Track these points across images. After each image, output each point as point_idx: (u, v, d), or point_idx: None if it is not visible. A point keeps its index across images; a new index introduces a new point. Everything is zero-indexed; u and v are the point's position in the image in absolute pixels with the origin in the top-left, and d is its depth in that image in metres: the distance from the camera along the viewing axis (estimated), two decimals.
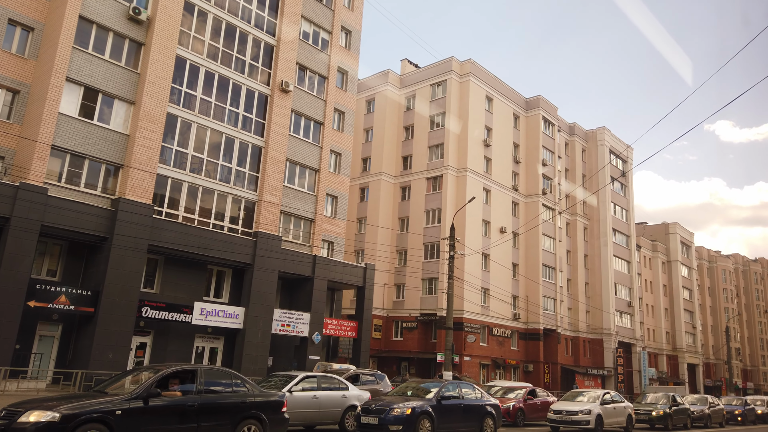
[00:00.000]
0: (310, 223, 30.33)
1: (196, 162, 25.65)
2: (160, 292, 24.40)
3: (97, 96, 22.82)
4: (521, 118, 50.54)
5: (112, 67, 23.28)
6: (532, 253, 47.64)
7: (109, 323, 21.16)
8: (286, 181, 29.35)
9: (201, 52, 26.37)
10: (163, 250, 23.68)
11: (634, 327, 58.25)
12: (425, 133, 45.75)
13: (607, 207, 56.30)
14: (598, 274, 54.89)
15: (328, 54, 32.38)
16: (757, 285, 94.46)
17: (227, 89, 27.17)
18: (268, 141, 28.16)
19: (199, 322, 24.38)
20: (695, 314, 73.69)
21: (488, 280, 43.03)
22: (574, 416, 19.05)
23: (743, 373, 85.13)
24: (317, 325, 28.77)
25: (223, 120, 26.83)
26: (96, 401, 8.68)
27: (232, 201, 26.83)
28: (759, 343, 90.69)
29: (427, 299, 41.95)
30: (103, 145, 22.65)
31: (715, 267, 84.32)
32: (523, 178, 49.44)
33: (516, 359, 44.99)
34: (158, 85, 23.96)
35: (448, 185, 42.98)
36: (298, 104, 30.23)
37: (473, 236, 42.14)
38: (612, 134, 59.51)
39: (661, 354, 65.81)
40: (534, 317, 45.96)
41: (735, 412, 30.67)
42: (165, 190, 24.47)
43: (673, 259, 71.40)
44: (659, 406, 23.45)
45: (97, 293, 21.28)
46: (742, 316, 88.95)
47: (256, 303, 26.22)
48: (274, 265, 26.97)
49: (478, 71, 46.01)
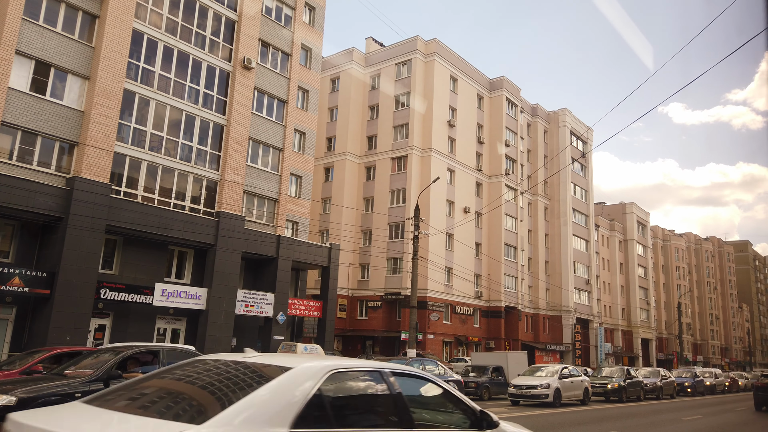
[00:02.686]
0: (274, 203, 30.03)
1: (155, 140, 24.99)
2: (120, 273, 23.88)
3: (50, 70, 21.91)
4: (485, 99, 50.85)
5: (65, 40, 22.34)
6: (494, 232, 48.38)
7: (65, 305, 20.63)
8: (249, 161, 28.91)
9: (159, 26, 25.53)
10: (122, 230, 23.12)
11: (591, 304, 60.09)
12: (390, 113, 45.61)
13: (567, 187, 57.52)
14: (558, 253, 56.25)
15: (292, 30, 31.80)
16: (708, 263, 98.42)
17: (187, 65, 26.44)
18: (230, 119, 27.62)
19: (160, 303, 24.00)
20: (649, 291, 76.45)
21: (452, 260, 43.58)
22: (534, 390, 19.68)
23: (693, 347, 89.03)
24: (282, 305, 28.68)
25: (183, 97, 26.15)
26: (54, 384, 8.50)
27: (194, 180, 26.31)
28: (708, 318, 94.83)
29: (391, 279, 42.25)
30: (57, 121, 21.83)
31: (669, 245, 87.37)
32: (487, 158, 49.93)
33: (478, 336, 45.90)
34: (114, 59, 23.13)
35: (412, 165, 43.10)
36: (260, 82, 29.68)
37: (438, 216, 42.50)
38: (573, 116, 60.54)
39: (616, 329, 68.17)
40: (496, 295, 46.87)
41: (685, 384, 32.12)
42: (123, 169, 23.81)
43: (630, 238, 73.64)
44: (614, 380, 24.36)
45: (53, 275, 20.68)
46: (693, 293, 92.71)
47: (219, 284, 25.95)
48: (237, 245, 26.68)
49: (443, 51, 45.97)
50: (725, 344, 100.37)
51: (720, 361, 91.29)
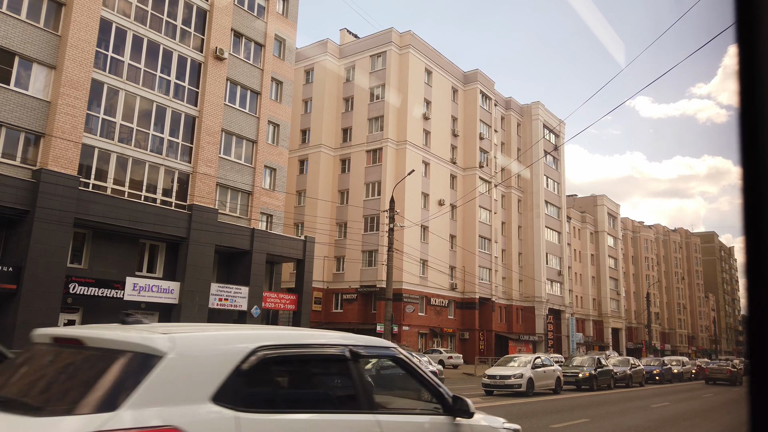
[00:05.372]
0: (247, 195, 29.73)
1: (125, 131, 24.48)
2: (89, 267, 23.39)
3: (14, 59, 21.25)
4: (459, 92, 51.05)
5: (30, 28, 21.68)
6: (468, 224, 48.74)
7: (33, 300, 20.15)
8: (222, 153, 28.54)
9: (128, 14, 24.95)
10: (91, 223, 22.64)
11: (563, 295, 61.09)
12: (365, 105, 45.48)
13: (540, 180, 58.21)
14: (531, 245, 56.98)
15: (265, 21, 31.40)
16: (676, 254, 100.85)
17: (157, 55, 25.91)
18: (202, 110, 27.20)
19: (131, 297, 23.60)
20: (620, 282, 78.05)
21: (427, 252, 43.79)
22: (507, 380, 19.94)
23: (662, 336, 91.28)
24: (256, 298, 28.47)
25: (154, 87, 25.64)
26: None
27: (165, 172, 25.87)
28: (676, 308, 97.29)
29: (366, 271, 42.29)
30: (22, 112, 21.21)
31: (639, 237, 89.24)
32: (461, 151, 50.20)
33: (453, 328, 46.30)
34: (81, 48, 22.54)
35: (387, 158, 43.09)
36: (233, 73, 29.27)
37: (412, 209, 42.62)
38: (546, 109, 61.21)
39: (588, 319, 69.48)
40: (470, 287, 47.29)
41: (654, 372, 32.93)
42: (92, 161, 23.28)
43: (601, 230, 74.97)
44: (585, 369, 24.83)
45: (19, 269, 20.16)
46: (661, 283, 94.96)
47: (192, 277, 25.62)
48: (210, 238, 26.36)
49: (417, 43, 45.95)
50: (692, 333, 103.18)
51: (687, 350, 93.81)
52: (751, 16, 1.16)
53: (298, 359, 3.29)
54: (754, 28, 1.15)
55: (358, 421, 3.28)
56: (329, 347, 3.45)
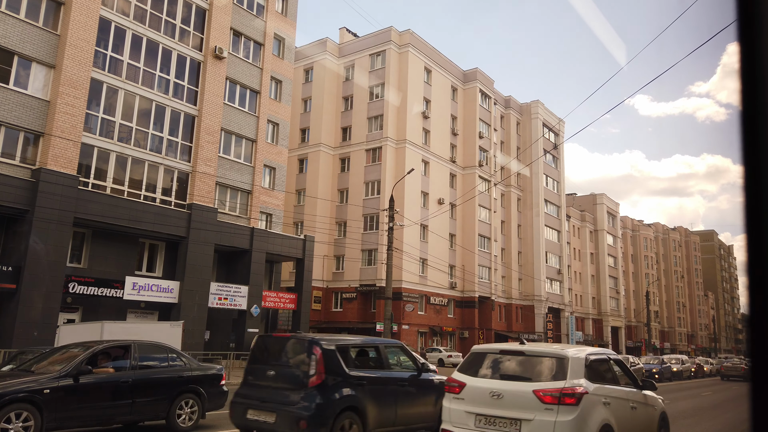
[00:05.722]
0: (247, 194, 29.72)
1: (124, 131, 24.46)
2: (89, 266, 23.38)
3: (13, 58, 21.23)
4: (459, 91, 51.02)
5: (29, 27, 21.66)
6: (468, 223, 48.73)
7: (33, 300, 20.14)
8: (222, 152, 28.53)
9: (127, 13, 24.93)
10: (91, 222, 22.63)
11: (563, 293, 61.11)
12: (365, 104, 45.45)
13: (539, 179, 58.19)
14: (531, 244, 56.98)
15: (264, 20, 31.37)
16: (675, 252, 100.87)
17: (156, 54, 25.89)
18: (201, 109, 27.18)
19: (131, 297, 23.60)
20: (619, 280, 78.06)
21: (426, 251, 43.79)
22: None
23: (661, 334, 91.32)
24: (256, 297, 28.47)
25: (153, 86, 25.63)
26: (22, 380, 8.31)
27: (165, 172, 25.86)
28: (675, 306, 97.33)
29: (366, 270, 42.28)
30: (21, 111, 21.19)
31: (638, 235, 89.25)
32: (461, 150, 50.18)
33: (452, 326, 46.31)
34: (81, 48, 22.52)
35: (387, 157, 43.07)
36: (233, 72, 29.24)
37: (412, 207, 42.61)
38: (545, 108, 61.18)
39: (587, 318, 69.51)
40: (470, 286, 47.30)
41: (653, 370, 32.91)
42: (91, 161, 23.26)
43: (600, 229, 74.97)
44: None
45: (18, 268, 20.16)
46: (661, 282, 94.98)
47: (192, 277, 25.61)
48: (209, 237, 26.35)
49: (416, 42, 45.92)
50: (691, 331, 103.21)
51: (686, 348, 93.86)
52: (752, 13, 1.16)
53: (607, 360, 7.70)
54: (755, 25, 1.15)
55: (634, 392, 7.68)
56: (611, 354, 8.11)
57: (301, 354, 7.92)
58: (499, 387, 6.48)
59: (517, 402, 6.26)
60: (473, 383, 6.73)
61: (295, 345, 8.21)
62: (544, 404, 6.10)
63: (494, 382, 6.64)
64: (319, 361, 7.53)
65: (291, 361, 8.09)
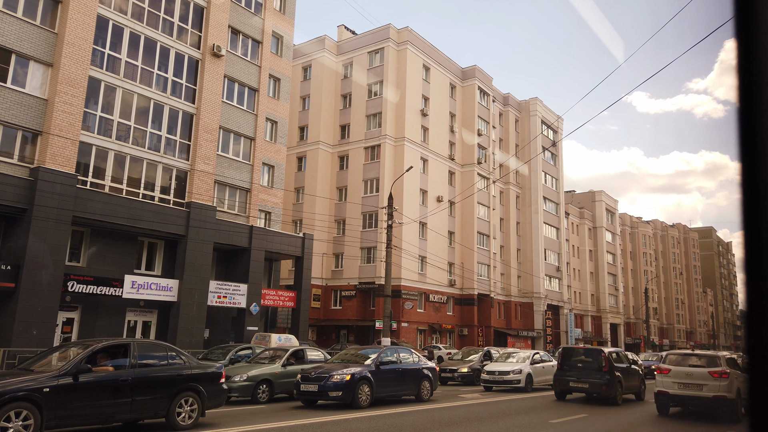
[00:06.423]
0: (246, 192, 29.70)
1: (122, 129, 24.43)
2: (87, 265, 23.37)
3: (10, 57, 21.19)
4: (457, 88, 50.99)
5: (26, 25, 21.61)
6: (467, 221, 48.75)
7: (31, 299, 20.13)
8: (220, 150, 28.50)
9: (125, 11, 24.87)
10: (90, 221, 22.61)
11: (561, 290, 61.18)
12: (363, 102, 45.42)
13: (538, 176, 58.22)
14: (529, 241, 57.03)
15: (262, 18, 31.32)
16: (674, 249, 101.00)
17: (154, 52, 25.84)
18: (199, 107, 27.15)
19: (130, 295, 23.59)
20: (618, 277, 78.17)
21: (425, 248, 43.81)
22: (506, 376, 19.98)
23: (660, 331, 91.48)
24: (255, 296, 28.47)
25: (151, 85, 25.58)
26: (21, 379, 8.31)
27: (163, 170, 25.84)
28: (674, 303, 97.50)
29: (365, 268, 42.30)
30: (19, 110, 21.15)
31: (637, 232, 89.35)
32: (459, 147, 50.18)
33: (452, 324, 46.36)
34: (78, 46, 22.48)
35: (386, 155, 43.06)
36: (231, 70, 29.21)
37: (411, 205, 42.62)
38: (544, 105, 61.19)
39: (586, 315, 69.61)
40: (469, 283, 47.34)
41: (652, 366, 32.96)
42: (89, 159, 23.23)
43: (599, 226, 75.05)
44: None
45: (17, 267, 20.14)
46: (659, 278, 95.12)
47: (191, 275, 25.61)
48: (208, 236, 26.34)
49: (415, 39, 45.87)
50: (690, 328, 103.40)
51: (685, 344, 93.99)
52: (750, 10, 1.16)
53: (735, 359, 14.30)
54: (753, 22, 1.15)
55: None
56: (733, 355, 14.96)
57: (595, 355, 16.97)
58: (689, 371, 13.35)
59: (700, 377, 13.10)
60: (675, 369, 13.57)
61: (591, 351, 17.52)
62: (713, 378, 12.82)
63: (686, 369, 13.51)
64: (606, 359, 16.37)
65: (589, 359, 16.96)
